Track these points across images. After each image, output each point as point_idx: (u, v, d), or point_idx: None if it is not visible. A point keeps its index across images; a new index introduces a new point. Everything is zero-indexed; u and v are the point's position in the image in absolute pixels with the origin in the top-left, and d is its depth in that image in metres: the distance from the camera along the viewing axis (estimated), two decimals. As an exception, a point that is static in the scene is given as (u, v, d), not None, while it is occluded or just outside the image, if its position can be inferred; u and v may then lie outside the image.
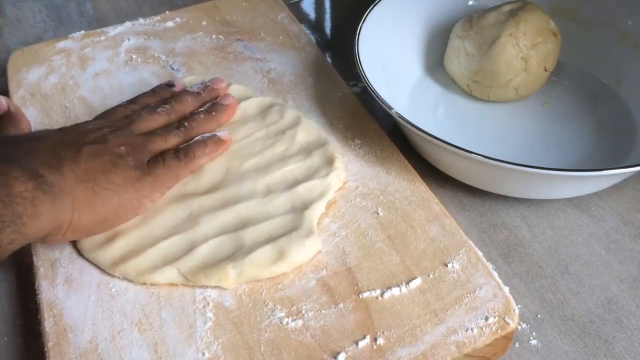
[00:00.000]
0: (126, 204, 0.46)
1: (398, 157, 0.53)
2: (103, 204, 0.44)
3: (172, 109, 0.52)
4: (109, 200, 0.45)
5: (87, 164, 0.44)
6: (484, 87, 0.62)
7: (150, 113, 0.51)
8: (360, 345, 0.40)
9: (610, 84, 0.64)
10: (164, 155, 0.48)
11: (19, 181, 0.40)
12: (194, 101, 0.54)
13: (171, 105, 0.52)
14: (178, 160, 0.48)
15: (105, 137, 0.47)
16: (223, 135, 0.52)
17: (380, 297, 0.43)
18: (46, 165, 0.42)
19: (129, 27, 0.70)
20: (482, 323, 0.41)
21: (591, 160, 0.57)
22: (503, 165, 0.46)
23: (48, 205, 0.41)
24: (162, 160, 0.48)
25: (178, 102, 0.52)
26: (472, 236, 0.51)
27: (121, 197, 0.45)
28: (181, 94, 0.54)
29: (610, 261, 0.50)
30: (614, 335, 0.45)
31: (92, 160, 0.45)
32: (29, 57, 0.66)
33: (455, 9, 0.68)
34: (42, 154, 0.44)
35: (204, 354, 0.40)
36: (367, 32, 0.60)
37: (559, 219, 0.53)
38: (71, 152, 0.45)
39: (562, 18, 0.65)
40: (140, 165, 0.47)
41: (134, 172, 0.46)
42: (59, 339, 0.41)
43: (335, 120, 0.57)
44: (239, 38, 0.69)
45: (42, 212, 0.41)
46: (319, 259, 0.45)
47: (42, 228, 0.41)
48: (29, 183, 0.40)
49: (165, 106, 0.52)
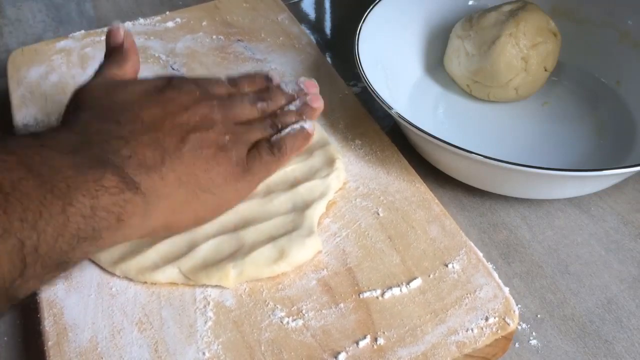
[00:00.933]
0: (224, 204, 0.45)
1: (398, 157, 0.53)
2: (203, 206, 0.43)
3: (267, 107, 0.49)
4: (208, 203, 0.43)
5: (190, 158, 0.41)
6: (484, 87, 0.62)
7: (250, 104, 0.48)
8: (361, 345, 0.40)
9: (610, 84, 0.64)
10: (260, 150, 0.46)
11: (109, 192, 0.36)
12: (286, 100, 0.50)
13: (267, 103, 0.49)
14: (272, 156, 0.46)
15: (212, 118, 0.44)
16: (310, 128, 0.48)
17: (380, 297, 0.43)
18: (145, 169, 0.39)
19: (129, 27, 0.70)
20: (483, 323, 0.41)
21: (591, 160, 0.57)
22: (503, 165, 0.46)
23: (138, 218, 0.38)
24: (258, 155, 0.45)
25: (273, 101, 0.49)
26: (472, 236, 0.51)
27: (221, 198, 0.43)
28: (277, 92, 0.50)
29: (610, 261, 0.50)
30: (614, 335, 0.45)
31: (195, 153, 0.42)
32: (29, 57, 0.66)
33: (455, 9, 0.68)
34: (143, 148, 0.40)
35: (204, 353, 0.40)
36: (367, 32, 0.60)
37: (559, 219, 0.53)
38: (175, 141, 0.41)
39: (562, 18, 0.65)
40: (241, 160, 0.44)
41: (235, 170, 0.44)
42: (59, 338, 0.41)
43: (335, 121, 0.57)
44: (240, 39, 0.69)
45: (128, 225, 0.38)
46: (319, 259, 0.45)
47: (126, 238, 0.39)
48: (120, 195, 0.37)
49: (262, 103, 0.49)
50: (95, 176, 0.36)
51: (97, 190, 0.36)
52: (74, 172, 0.36)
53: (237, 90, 0.50)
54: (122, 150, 0.39)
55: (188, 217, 0.43)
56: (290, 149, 0.47)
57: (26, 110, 0.60)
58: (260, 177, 0.46)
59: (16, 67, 0.65)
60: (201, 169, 0.42)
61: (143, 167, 0.39)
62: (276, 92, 0.50)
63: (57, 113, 0.59)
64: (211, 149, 0.43)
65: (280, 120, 0.48)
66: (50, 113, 0.59)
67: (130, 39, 0.50)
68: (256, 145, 0.46)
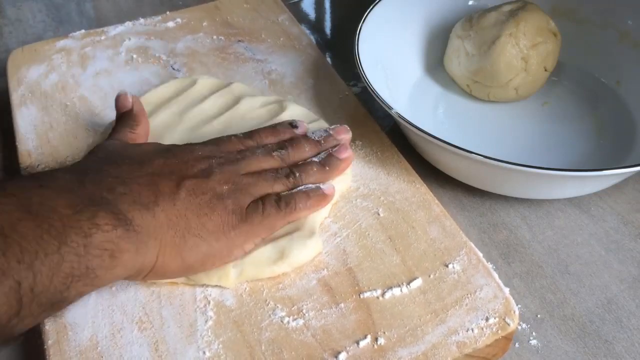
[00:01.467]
0: (215, 253, 0.43)
1: (398, 158, 0.53)
2: (191, 252, 0.41)
3: (288, 155, 0.48)
4: (197, 249, 0.42)
5: (183, 203, 0.41)
6: (484, 87, 0.62)
7: (264, 154, 0.47)
8: (361, 345, 0.40)
9: (610, 84, 0.64)
10: (264, 202, 0.44)
11: (102, 229, 0.37)
12: (311, 150, 0.49)
13: (287, 151, 0.48)
14: (278, 210, 0.44)
15: (211, 169, 0.44)
16: (327, 189, 0.47)
17: (381, 297, 0.43)
18: (139, 206, 0.40)
19: (130, 27, 0.70)
20: (483, 323, 0.41)
21: (591, 160, 0.57)
22: (503, 165, 0.46)
23: (130, 255, 0.38)
24: (262, 207, 0.44)
25: (295, 149, 0.48)
26: (472, 236, 0.51)
27: (211, 245, 0.42)
28: (300, 140, 0.49)
29: (610, 261, 0.50)
30: (614, 335, 0.45)
31: (189, 199, 0.42)
32: (29, 56, 0.66)
33: (455, 9, 0.68)
34: (139, 187, 0.41)
35: (204, 352, 0.40)
36: (367, 32, 0.60)
37: (559, 219, 0.53)
38: (170, 185, 0.42)
39: (562, 18, 0.65)
40: (238, 210, 0.43)
41: (230, 218, 0.43)
42: (59, 336, 0.41)
43: (335, 122, 0.57)
44: (240, 39, 0.69)
45: (121, 263, 0.38)
46: (320, 259, 0.45)
47: (118, 277, 0.39)
48: (113, 232, 0.37)
49: (282, 151, 0.48)
50: (89, 214, 0.37)
51: (90, 228, 0.36)
52: (69, 211, 0.37)
53: (253, 143, 0.49)
54: (118, 187, 0.40)
55: (176, 263, 0.41)
56: (301, 208, 0.46)
57: (26, 109, 0.60)
58: (260, 229, 0.44)
59: (16, 66, 0.65)
60: (193, 213, 0.42)
61: (137, 204, 0.40)
62: (299, 140, 0.49)
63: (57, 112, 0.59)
64: (207, 195, 0.43)
65: (300, 170, 0.47)
66: (50, 112, 0.59)
67: (138, 103, 0.51)
68: (263, 197, 0.45)
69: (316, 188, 0.47)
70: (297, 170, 0.47)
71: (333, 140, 0.50)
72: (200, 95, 0.59)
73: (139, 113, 0.51)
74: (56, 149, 0.55)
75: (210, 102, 0.58)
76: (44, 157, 0.55)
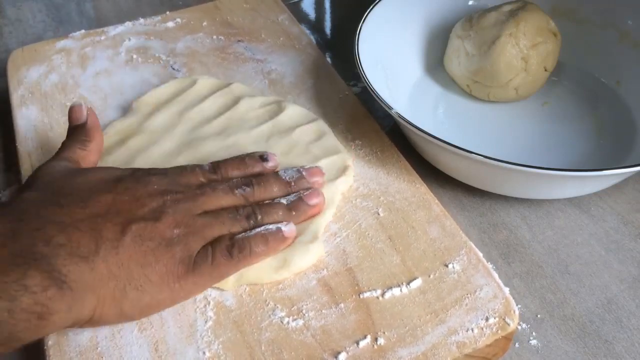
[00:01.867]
0: (157, 304, 0.40)
1: (398, 158, 0.53)
2: (131, 304, 0.39)
3: (252, 193, 0.45)
4: (138, 301, 0.39)
5: (127, 251, 0.38)
6: (484, 87, 0.62)
7: (226, 192, 0.44)
8: (361, 345, 0.40)
9: (610, 84, 0.64)
10: (215, 250, 0.41)
11: (31, 291, 0.34)
12: (279, 190, 0.46)
13: (252, 188, 0.45)
14: (229, 259, 0.41)
15: (162, 210, 0.41)
16: (288, 232, 0.43)
17: (380, 297, 0.43)
18: (76, 259, 0.36)
19: (130, 27, 0.70)
20: (483, 323, 0.41)
21: (591, 160, 0.57)
22: (503, 165, 0.46)
23: (62, 315, 0.35)
24: (211, 255, 0.41)
25: (261, 187, 0.45)
26: (472, 236, 0.51)
27: (153, 298, 0.39)
28: (269, 178, 0.46)
29: (610, 261, 0.50)
30: (614, 335, 0.45)
31: (134, 246, 0.39)
32: (29, 56, 0.66)
33: (455, 9, 0.68)
34: (79, 235, 0.38)
35: (204, 353, 0.40)
36: (367, 32, 0.60)
37: (559, 219, 0.53)
38: (115, 230, 0.39)
39: (562, 18, 0.65)
40: (187, 258, 0.40)
41: (176, 269, 0.40)
42: (59, 337, 0.41)
43: (335, 122, 0.57)
44: (240, 39, 0.69)
45: (50, 324, 0.35)
46: (319, 260, 0.45)
47: (44, 335, 0.37)
48: (43, 293, 0.34)
49: (246, 189, 0.45)
50: (16, 275, 0.34)
51: (17, 290, 0.33)
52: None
53: (217, 176, 0.46)
54: (56, 237, 0.37)
55: (114, 313, 0.39)
56: (256, 253, 0.42)
57: (26, 110, 0.60)
58: (208, 279, 0.41)
59: (16, 66, 0.65)
60: (137, 263, 0.38)
61: (75, 257, 0.37)
62: (267, 178, 0.46)
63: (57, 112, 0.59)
64: (153, 242, 0.39)
65: (263, 212, 0.44)
66: (50, 112, 0.59)
67: (93, 117, 0.48)
68: (214, 241, 0.42)
69: (276, 230, 0.43)
70: (260, 212, 0.44)
71: (305, 182, 0.47)
72: (200, 96, 0.59)
73: (93, 127, 0.47)
74: (56, 150, 0.55)
75: (209, 102, 0.58)
76: (44, 157, 0.55)
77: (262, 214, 0.44)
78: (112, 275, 0.38)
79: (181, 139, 0.54)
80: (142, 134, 0.55)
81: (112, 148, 0.54)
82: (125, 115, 0.58)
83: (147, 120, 0.56)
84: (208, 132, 0.55)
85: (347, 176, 0.51)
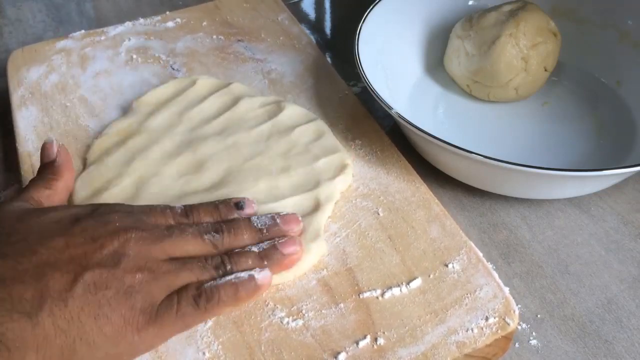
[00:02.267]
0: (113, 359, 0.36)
1: (398, 157, 0.53)
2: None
3: (221, 241, 0.41)
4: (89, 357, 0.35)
5: (78, 304, 0.34)
6: (484, 87, 0.62)
7: (195, 236, 0.41)
8: (361, 345, 0.40)
9: (610, 84, 0.64)
10: (180, 299, 0.38)
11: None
12: (250, 238, 0.42)
13: (221, 235, 0.42)
14: (196, 308, 0.38)
15: (123, 252, 0.37)
16: (262, 279, 0.40)
17: (380, 297, 0.43)
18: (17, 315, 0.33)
19: (129, 27, 0.70)
20: (483, 323, 0.41)
21: (591, 160, 0.57)
22: (503, 165, 0.46)
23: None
24: (176, 304, 0.37)
25: (232, 235, 0.42)
26: (472, 236, 0.51)
27: (108, 353, 0.35)
28: (239, 224, 0.43)
29: (610, 261, 0.50)
30: (614, 335, 0.45)
31: (86, 296, 0.35)
32: (29, 57, 0.66)
33: (455, 9, 0.68)
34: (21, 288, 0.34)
35: (204, 353, 0.40)
36: (367, 32, 0.60)
37: (559, 219, 0.53)
38: (64, 281, 0.35)
39: (562, 18, 0.65)
40: (148, 308, 0.36)
41: (135, 319, 0.36)
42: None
43: (335, 121, 0.57)
44: (240, 39, 0.69)
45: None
46: (319, 259, 0.45)
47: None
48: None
49: (215, 235, 0.41)
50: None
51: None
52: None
53: (188, 220, 0.42)
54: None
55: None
56: (225, 302, 0.39)
57: (26, 110, 0.60)
58: (171, 330, 0.38)
59: (16, 67, 0.65)
60: (89, 315, 0.35)
61: (15, 312, 0.33)
62: (238, 224, 0.43)
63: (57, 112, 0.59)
64: (110, 291, 0.35)
65: (233, 262, 0.40)
66: (50, 112, 0.59)
67: (64, 153, 0.45)
68: (180, 290, 0.38)
69: (248, 278, 0.39)
70: (229, 262, 0.40)
71: (278, 230, 0.43)
72: (200, 96, 0.59)
73: (62, 165, 0.45)
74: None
75: (209, 102, 0.58)
76: (44, 157, 0.55)
77: (232, 264, 0.40)
78: (60, 331, 0.34)
79: (181, 139, 0.54)
80: (142, 134, 0.55)
81: (111, 148, 0.54)
82: (125, 115, 0.58)
83: (147, 120, 0.56)
84: (208, 132, 0.55)
85: (345, 175, 0.51)
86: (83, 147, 0.55)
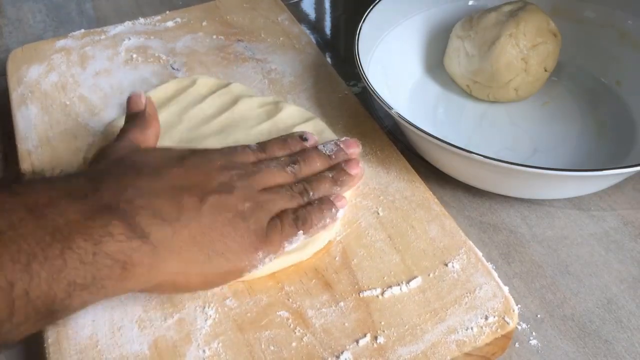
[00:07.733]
0: (237, 271, 0.41)
1: (398, 157, 0.53)
2: (214, 270, 0.40)
3: (300, 170, 0.47)
4: (220, 268, 0.40)
5: (207, 219, 0.40)
6: (484, 87, 0.62)
7: (279, 169, 0.46)
8: (361, 344, 0.40)
9: (610, 84, 0.64)
10: (283, 221, 0.43)
11: (115, 239, 0.35)
12: (322, 164, 0.48)
13: (299, 165, 0.47)
14: (295, 229, 0.43)
15: (232, 184, 0.42)
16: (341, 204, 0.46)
17: (380, 296, 0.43)
18: (159, 220, 0.38)
19: (129, 27, 0.70)
20: (482, 322, 0.41)
21: (591, 160, 0.57)
22: (503, 165, 0.46)
23: (144, 270, 0.36)
24: (280, 226, 0.43)
25: (306, 164, 0.47)
26: (472, 236, 0.51)
27: (235, 265, 0.41)
28: (311, 153, 0.48)
29: (610, 261, 0.50)
30: (614, 335, 0.45)
31: (213, 216, 0.40)
32: (29, 55, 0.66)
33: (455, 9, 0.68)
34: (159, 199, 0.39)
35: (204, 351, 0.40)
36: (367, 32, 0.60)
37: (559, 219, 0.53)
38: (194, 200, 0.40)
39: (562, 18, 0.65)
40: (260, 229, 0.42)
41: (252, 239, 0.41)
42: (59, 335, 0.41)
43: (335, 121, 0.57)
44: (240, 39, 0.69)
45: (133, 276, 0.36)
46: (320, 258, 0.45)
47: (129, 290, 0.38)
48: (127, 243, 0.35)
49: (294, 166, 0.47)
50: (101, 222, 0.35)
51: (102, 236, 0.34)
52: (79, 217, 0.35)
53: (266, 155, 0.48)
54: (137, 200, 0.38)
55: (196, 279, 0.40)
56: (316, 225, 0.44)
57: (26, 109, 0.60)
58: (278, 247, 0.43)
59: (16, 65, 0.65)
60: (217, 233, 0.40)
61: (157, 218, 0.38)
62: (311, 154, 0.48)
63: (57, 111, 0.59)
64: (230, 213, 0.41)
65: (313, 187, 0.46)
66: (50, 111, 0.59)
67: (152, 106, 0.49)
68: (280, 215, 0.44)
69: (329, 205, 0.45)
70: (310, 187, 0.46)
71: (343, 154, 0.49)
72: (200, 95, 0.59)
73: (152, 115, 0.49)
74: (56, 149, 0.55)
75: (209, 102, 0.58)
76: (44, 156, 0.55)
77: (313, 189, 0.46)
78: (195, 241, 0.39)
79: (181, 138, 0.54)
80: (142, 133, 0.55)
81: (112, 147, 0.54)
82: (125, 115, 0.58)
83: (147, 120, 0.56)
84: (208, 132, 0.55)
85: None
86: (83, 145, 0.55)
